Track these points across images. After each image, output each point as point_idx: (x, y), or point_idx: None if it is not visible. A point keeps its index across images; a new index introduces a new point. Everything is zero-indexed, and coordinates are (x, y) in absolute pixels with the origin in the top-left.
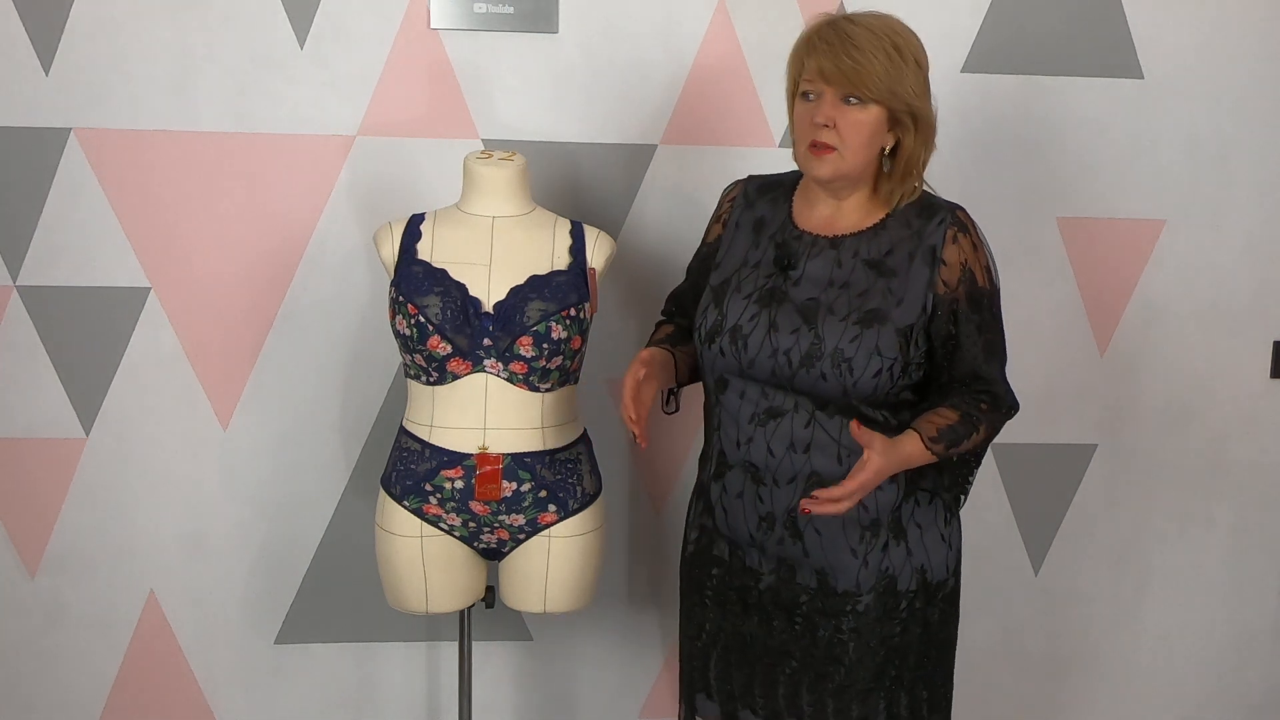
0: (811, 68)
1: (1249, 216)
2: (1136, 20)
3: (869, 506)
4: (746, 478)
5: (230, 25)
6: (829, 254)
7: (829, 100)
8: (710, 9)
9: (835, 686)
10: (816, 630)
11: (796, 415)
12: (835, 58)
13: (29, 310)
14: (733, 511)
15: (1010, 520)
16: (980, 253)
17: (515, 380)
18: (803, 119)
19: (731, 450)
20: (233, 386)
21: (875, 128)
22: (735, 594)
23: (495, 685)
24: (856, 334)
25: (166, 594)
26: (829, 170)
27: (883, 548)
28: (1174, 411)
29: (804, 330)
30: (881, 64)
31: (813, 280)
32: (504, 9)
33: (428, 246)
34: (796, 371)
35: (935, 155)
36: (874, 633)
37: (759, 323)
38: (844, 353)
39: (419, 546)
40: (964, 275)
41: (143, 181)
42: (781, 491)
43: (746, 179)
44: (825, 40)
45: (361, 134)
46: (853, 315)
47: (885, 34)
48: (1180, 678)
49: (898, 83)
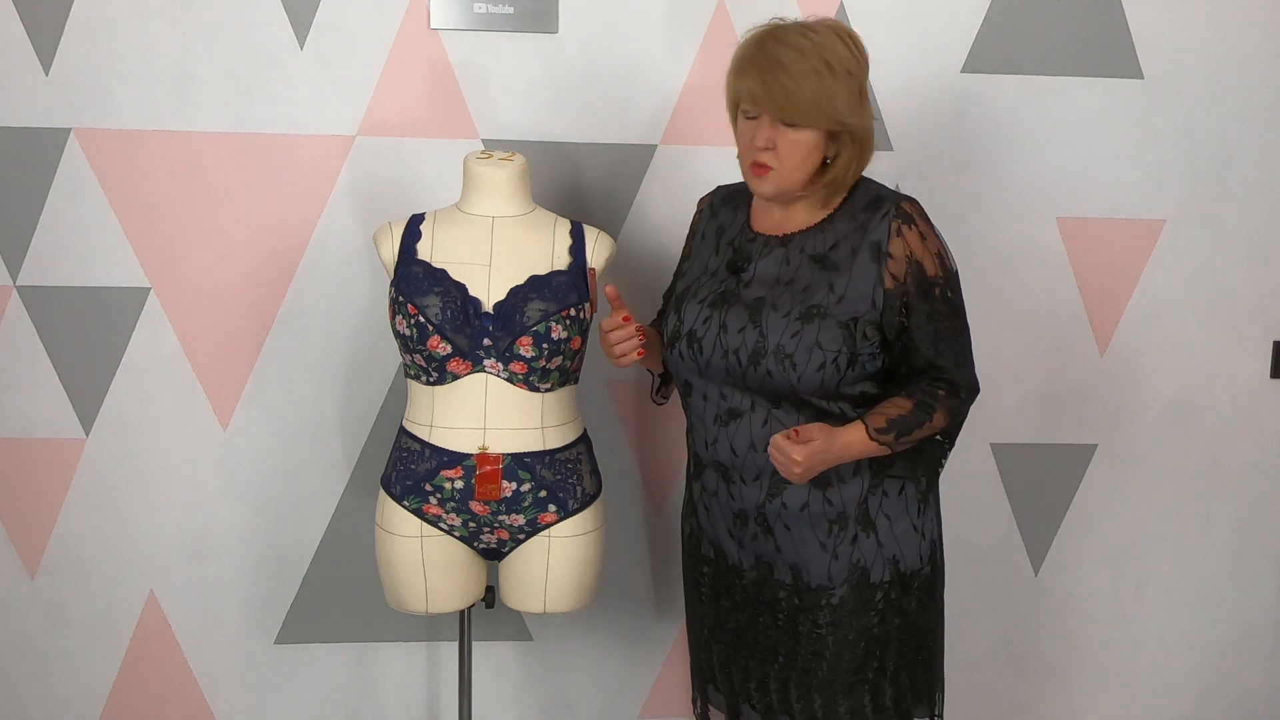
0: (744, 90)
1: (1249, 216)
2: (1136, 20)
3: (834, 500)
4: (719, 477)
5: (230, 25)
6: (778, 252)
7: (767, 123)
8: (710, 9)
9: (819, 681)
10: (797, 626)
11: (754, 414)
12: (765, 85)
13: (29, 310)
14: (711, 510)
15: (1010, 520)
16: (930, 242)
17: (515, 380)
18: (744, 138)
19: (703, 451)
20: (233, 386)
21: (812, 147)
22: (725, 590)
23: (495, 685)
24: (797, 329)
25: (166, 594)
26: (770, 188)
27: (851, 540)
28: (1174, 411)
29: (749, 328)
30: (811, 87)
31: (762, 279)
32: (504, 9)
33: (428, 246)
34: (746, 370)
35: (936, 155)
36: (851, 625)
37: (711, 325)
38: (785, 348)
39: (419, 547)
40: (910, 267)
41: (143, 181)
42: (749, 489)
43: (714, 190)
44: (755, 66)
45: (361, 134)
46: (794, 311)
47: (813, 53)
48: (1180, 678)
49: (829, 103)
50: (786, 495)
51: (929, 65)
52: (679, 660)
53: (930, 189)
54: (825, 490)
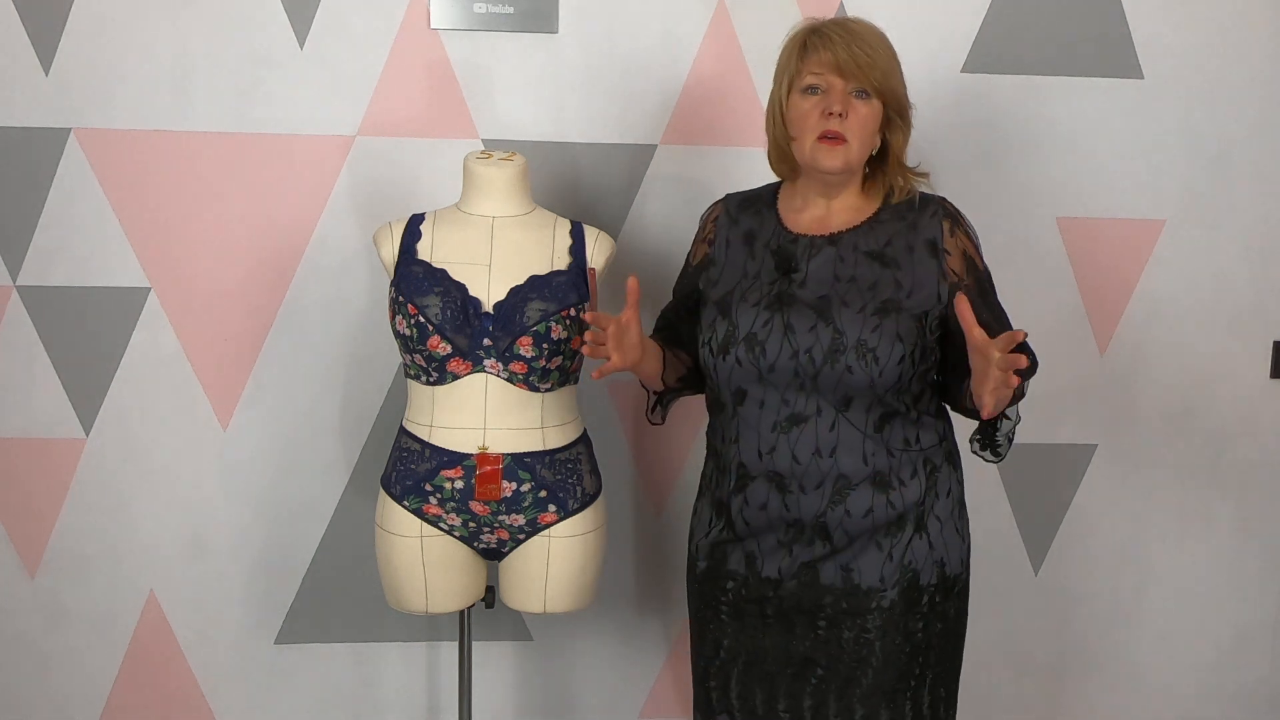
0: (825, 59)
1: (1249, 216)
2: (1136, 20)
3: (895, 504)
4: (771, 487)
5: (230, 25)
6: (829, 251)
7: (838, 93)
8: (710, 9)
9: (863, 691)
10: (842, 633)
11: (820, 418)
12: (850, 50)
13: (29, 310)
14: (755, 523)
15: (1010, 520)
16: (973, 239)
17: (515, 380)
18: (810, 112)
19: (753, 461)
20: (233, 386)
21: (876, 122)
22: (754, 606)
23: (495, 685)
24: (876, 324)
25: (166, 594)
26: (840, 161)
27: (907, 543)
28: (1174, 411)
29: (821, 326)
30: (884, 57)
31: (818, 279)
32: (504, 9)
33: (427, 246)
34: (820, 369)
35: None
36: (899, 629)
37: (773, 326)
38: (867, 343)
39: (419, 546)
40: (967, 263)
41: (143, 181)
42: (809, 498)
43: (724, 198)
44: (828, 39)
45: (361, 134)
46: (868, 306)
47: (880, 34)
48: (1180, 678)
49: (895, 77)
50: (850, 502)
51: (929, 65)
52: (679, 660)
53: (930, 189)
54: (888, 494)
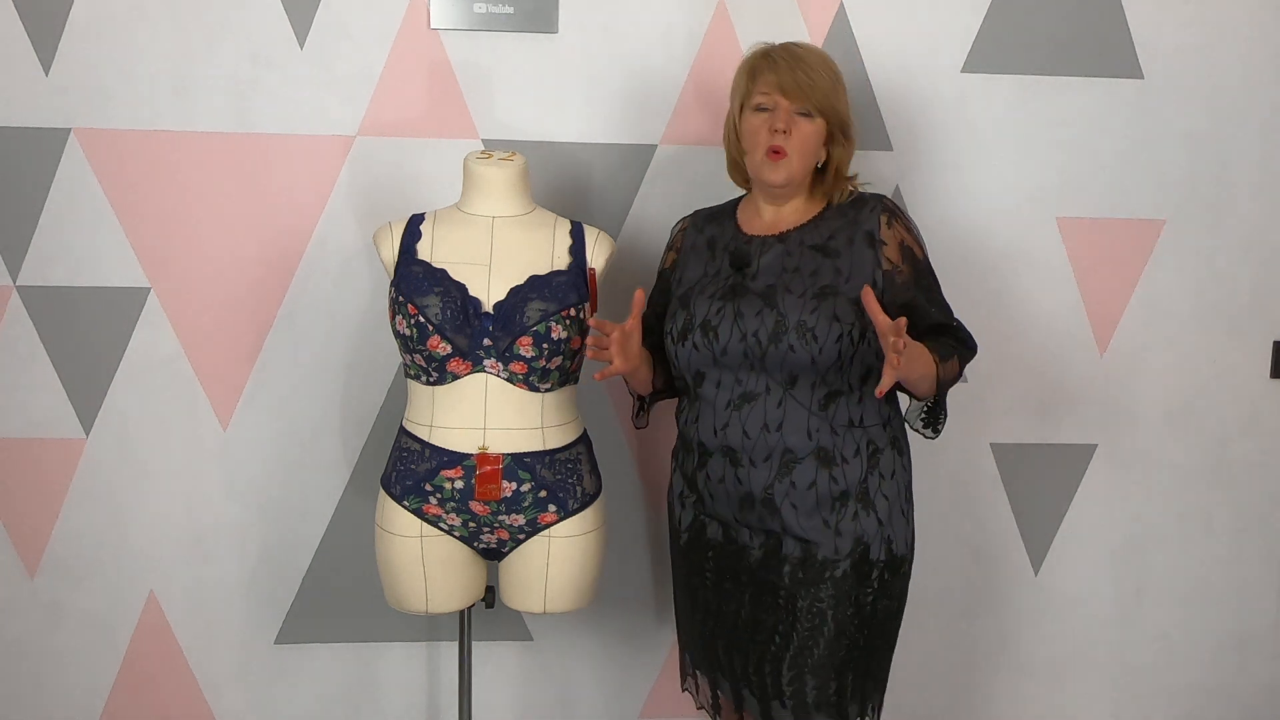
0: (771, 81)
1: (1249, 216)
2: (1136, 20)
3: (838, 479)
4: (725, 462)
5: (230, 25)
6: (778, 248)
7: (783, 112)
8: (710, 9)
9: (814, 662)
10: (797, 602)
11: (769, 396)
12: (793, 74)
13: (29, 310)
14: (718, 496)
15: (1010, 520)
16: (911, 231)
17: (515, 380)
18: (759, 129)
19: (710, 438)
20: (233, 386)
21: (818, 139)
22: (729, 573)
23: (495, 685)
24: (815, 306)
25: (166, 594)
26: (783, 175)
27: (853, 517)
28: (1174, 411)
29: (766, 311)
30: (825, 80)
31: (768, 271)
32: (504, 9)
33: (428, 246)
34: (766, 349)
35: (934, 154)
36: (850, 599)
37: (725, 314)
38: (806, 323)
39: (419, 546)
40: (904, 252)
41: (143, 181)
42: (758, 470)
43: (692, 214)
44: (775, 62)
45: (361, 134)
46: (808, 291)
47: (819, 57)
48: (1180, 678)
49: (836, 98)
50: (796, 474)
51: (929, 65)
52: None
53: (930, 188)
54: (831, 469)
